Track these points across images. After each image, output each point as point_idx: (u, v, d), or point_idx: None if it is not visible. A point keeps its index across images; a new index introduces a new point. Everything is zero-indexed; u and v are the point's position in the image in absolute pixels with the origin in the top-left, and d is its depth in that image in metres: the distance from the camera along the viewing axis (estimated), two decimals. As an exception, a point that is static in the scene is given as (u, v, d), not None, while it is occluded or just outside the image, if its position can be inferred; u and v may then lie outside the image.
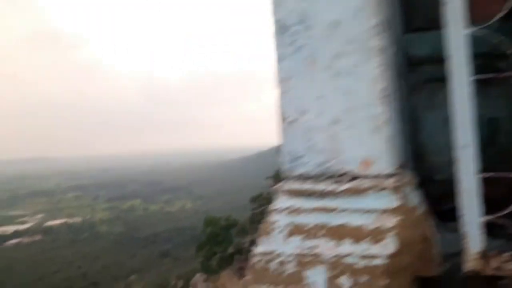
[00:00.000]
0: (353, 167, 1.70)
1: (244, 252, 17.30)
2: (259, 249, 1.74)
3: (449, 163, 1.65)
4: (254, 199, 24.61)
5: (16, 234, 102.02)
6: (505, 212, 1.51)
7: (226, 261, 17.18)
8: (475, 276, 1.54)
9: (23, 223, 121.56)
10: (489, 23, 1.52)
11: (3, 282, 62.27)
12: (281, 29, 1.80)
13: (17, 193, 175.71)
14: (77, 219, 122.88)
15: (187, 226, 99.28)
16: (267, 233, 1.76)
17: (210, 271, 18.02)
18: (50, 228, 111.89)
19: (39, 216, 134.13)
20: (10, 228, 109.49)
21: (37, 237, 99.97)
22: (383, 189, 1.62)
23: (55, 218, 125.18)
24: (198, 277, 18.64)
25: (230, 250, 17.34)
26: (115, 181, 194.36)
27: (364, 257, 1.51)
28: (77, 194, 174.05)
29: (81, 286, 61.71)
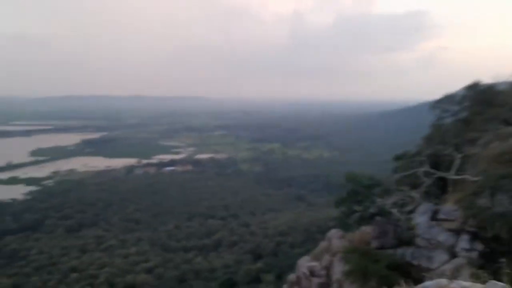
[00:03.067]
0: None
1: (385, 214, 15.40)
2: None
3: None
4: (398, 158, 21.46)
5: (171, 162, 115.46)
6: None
7: (365, 221, 15.34)
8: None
9: (177, 153, 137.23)
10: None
11: (160, 202, 70.87)
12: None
13: (173, 127, 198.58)
14: (222, 155, 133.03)
15: (322, 174, 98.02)
16: None
17: (347, 228, 16.52)
18: (199, 160, 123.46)
19: (191, 149, 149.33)
20: (167, 157, 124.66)
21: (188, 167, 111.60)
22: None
23: (203, 152, 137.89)
24: (334, 233, 17.16)
25: (371, 210, 15.20)
26: (256, 124, 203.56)
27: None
28: (223, 133, 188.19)
29: (222, 215, 66.23)
